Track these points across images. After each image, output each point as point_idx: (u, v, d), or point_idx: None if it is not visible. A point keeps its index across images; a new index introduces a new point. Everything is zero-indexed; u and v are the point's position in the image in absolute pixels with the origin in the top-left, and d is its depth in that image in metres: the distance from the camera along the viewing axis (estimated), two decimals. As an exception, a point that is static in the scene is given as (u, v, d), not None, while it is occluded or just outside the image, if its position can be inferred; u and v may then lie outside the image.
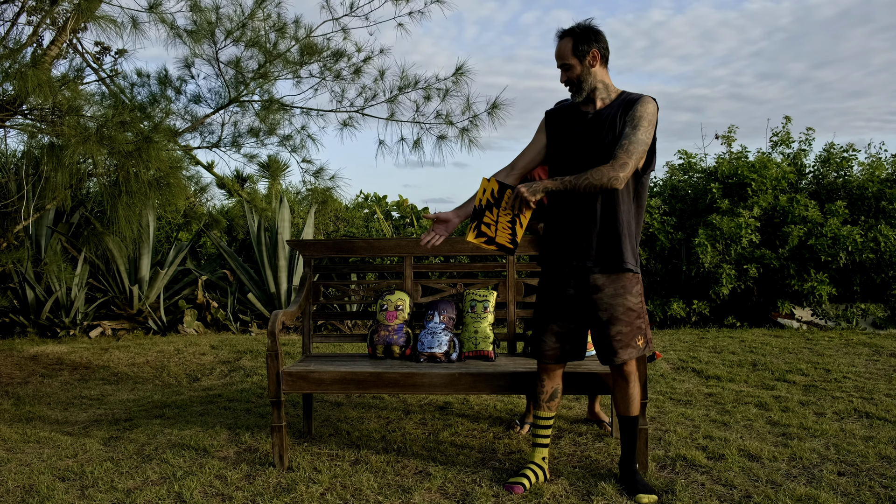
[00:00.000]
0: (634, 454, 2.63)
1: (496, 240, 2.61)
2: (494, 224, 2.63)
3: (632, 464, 2.61)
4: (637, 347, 2.56)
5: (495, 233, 2.62)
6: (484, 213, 2.65)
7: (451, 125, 5.23)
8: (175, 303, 7.10)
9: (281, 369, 2.86)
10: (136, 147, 3.59)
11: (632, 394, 2.61)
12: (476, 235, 2.64)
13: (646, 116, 2.41)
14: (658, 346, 5.53)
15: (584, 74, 2.49)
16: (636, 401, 2.62)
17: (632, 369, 2.60)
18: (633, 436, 2.62)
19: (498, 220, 2.64)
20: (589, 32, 2.48)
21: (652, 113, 2.43)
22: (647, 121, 2.41)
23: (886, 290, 6.62)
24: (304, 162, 5.53)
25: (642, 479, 2.58)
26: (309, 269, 3.41)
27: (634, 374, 2.61)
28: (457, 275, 6.53)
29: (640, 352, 2.57)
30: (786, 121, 7.39)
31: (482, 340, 3.14)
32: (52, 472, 2.87)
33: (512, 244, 2.59)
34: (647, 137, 2.40)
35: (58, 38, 4.00)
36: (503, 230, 2.62)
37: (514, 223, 2.61)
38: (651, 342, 2.63)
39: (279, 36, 5.00)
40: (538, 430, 2.70)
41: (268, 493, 2.60)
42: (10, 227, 4.24)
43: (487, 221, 2.64)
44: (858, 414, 3.51)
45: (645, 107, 2.42)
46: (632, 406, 2.61)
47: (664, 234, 6.85)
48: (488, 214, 2.64)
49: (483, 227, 2.63)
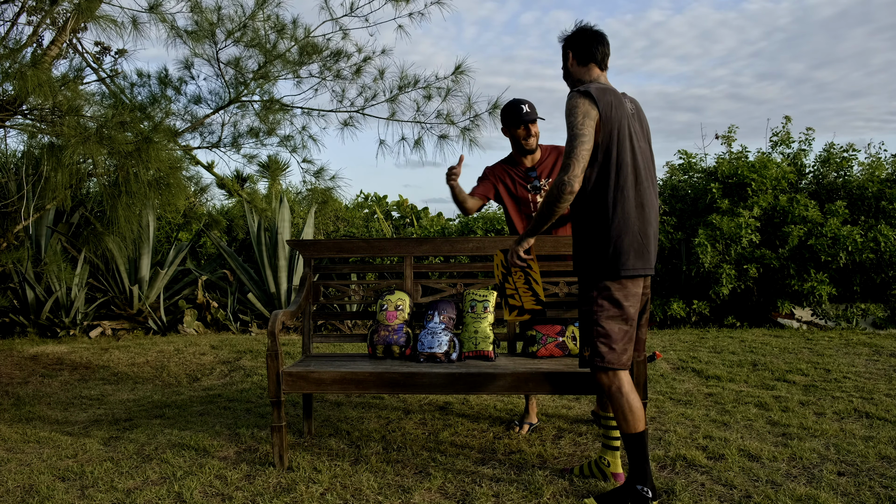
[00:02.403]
0: (637, 470, 2.39)
1: (525, 308, 2.70)
2: (515, 292, 2.74)
3: (631, 481, 2.41)
4: (583, 357, 2.43)
5: (521, 301, 2.72)
6: (504, 286, 2.75)
7: (452, 125, 5.24)
8: (175, 303, 7.10)
9: (281, 369, 2.86)
10: (136, 147, 3.59)
11: (615, 408, 2.40)
12: (509, 312, 2.74)
13: (567, 116, 2.36)
14: (658, 346, 5.53)
15: (566, 71, 2.61)
16: (621, 417, 2.38)
17: (602, 381, 2.40)
18: (632, 451, 2.39)
19: (516, 286, 2.73)
20: (571, 33, 2.58)
21: (570, 108, 2.35)
22: (569, 119, 2.35)
23: (886, 290, 6.62)
24: (304, 162, 5.53)
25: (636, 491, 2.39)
26: (309, 269, 3.41)
27: (607, 388, 2.39)
28: (457, 275, 6.53)
29: (587, 364, 2.41)
30: (786, 121, 7.39)
31: (482, 340, 3.14)
32: (52, 472, 2.87)
33: (538, 304, 2.68)
34: (577, 131, 2.32)
35: (58, 38, 4.00)
36: (525, 294, 2.71)
37: (529, 283, 2.71)
38: (603, 360, 2.36)
39: (279, 36, 5.00)
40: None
41: (268, 493, 2.60)
42: (10, 227, 4.24)
43: (510, 293, 2.74)
44: (858, 414, 3.50)
45: (565, 107, 2.38)
46: (620, 422, 2.39)
47: (664, 234, 6.85)
48: (507, 286, 2.75)
49: (510, 300, 2.74)
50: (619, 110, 2.38)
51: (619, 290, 2.37)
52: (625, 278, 2.37)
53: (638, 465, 2.39)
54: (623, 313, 2.38)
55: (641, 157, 2.43)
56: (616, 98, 2.39)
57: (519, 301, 2.70)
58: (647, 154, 2.50)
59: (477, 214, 8.32)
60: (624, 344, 2.39)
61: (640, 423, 2.38)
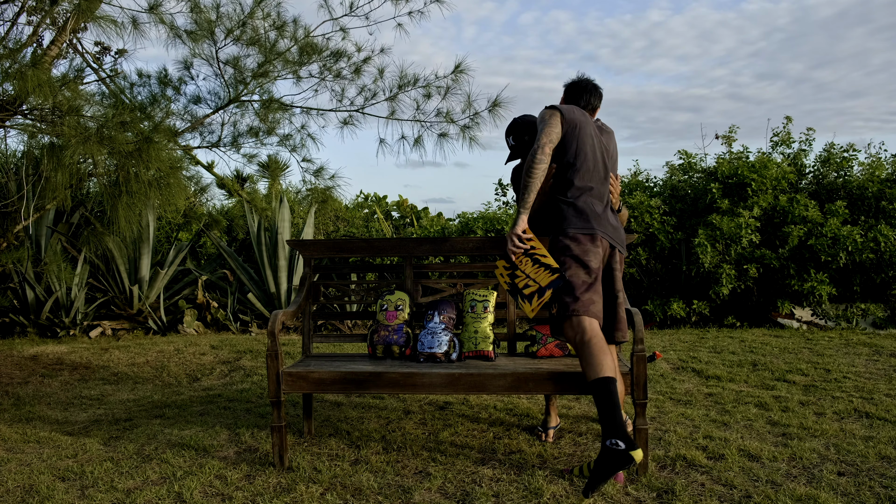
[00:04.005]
0: (607, 423, 2.40)
1: (542, 285, 2.70)
2: (528, 278, 2.74)
3: (603, 437, 2.41)
4: (552, 315, 2.71)
5: (536, 282, 2.72)
6: (515, 284, 2.76)
7: (452, 123, 5.23)
8: (175, 303, 7.10)
9: (281, 369, 2.86)
10: (137, 147, 3.59)
11: (580, 356, 2.58)
12: (530, 303, 2.73)
13: (538, 120, 2.87)
14: (658, 346, 5.53)
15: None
16: (584, 363, 2.53)
17: (566, 335, 2.65)
18: (599, 400, 2.45)
19: (526, 273, 2.74)
20: (571, 81, 3.10)
21: (541, 115, 2.86)
22: (539, 118, 2.87)
23: (886, 290, 6.62)
24: (304, 161, 5.53)
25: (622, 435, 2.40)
26: (309, 269, 3.41)
27: (573, 340, 2.60)
28: (457, 275, 6.53)
29: (555, 320, 2.67)
30: (786, 121, 7.39)
31: (482, 340, 3.14)
32: (52, 472, 2.87)
33: (555, 273, 2.67)
34: (545, 122, 2.80)
35: (58, 38, 4.00)
36: (538, 273, 2.71)
37: (537, 262, 2.71)
38: (569, 310, 2.61)
39: (279, 35, 5.00)
40: None
41: (268, 493, 2.60)
42: (10, 227, 4.24)
43: (524, 284, 2.75)
44: (858, 414, 3.51)
45: (538, 117, 2.91)
46: (584, 368, 2.53)
47: (664, 234, 6.85)
48: (518, 280, 2.75)
49: (526, 290, 2.74)
50: (583, 118, 2.85)
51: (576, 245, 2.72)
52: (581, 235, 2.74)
53: (607, 418, 2.41)
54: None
55: (601, 154, 2.88)
56: (581, 112, 2.88)
57: (535, 284, 2.70)
58: (608, 157, 2.93)
59: (477, 214, 8.32)
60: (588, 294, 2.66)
61: (604, 368, 2.48)
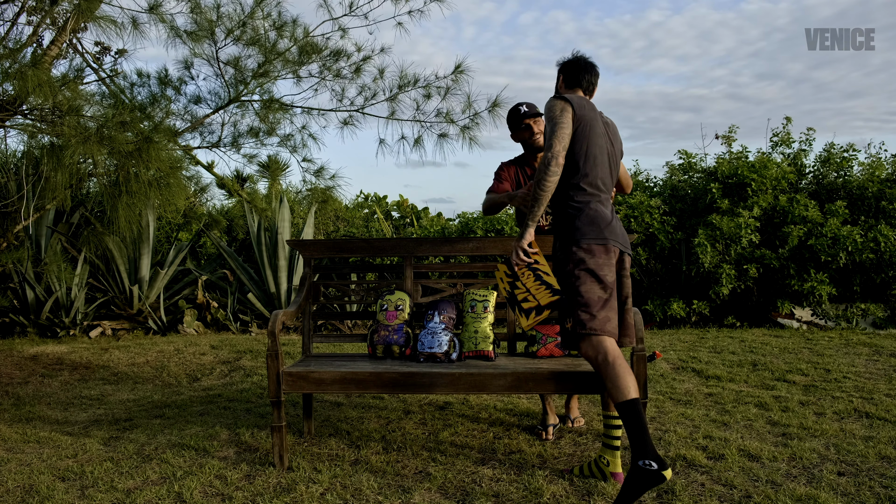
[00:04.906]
0: (638, 444, 2.34)
1: (542, 304, 2.63)
2: (527, 293, 2.68)
3: (634, 458, 2.34)
4: (565, 329, 2.56)
5: (536, 300, 2.65)
6: (515, 294, 2.69)
7: (451, 123, 5.23)
8: (175, 303, 7.10)
9: (281, 369, 2.86)
10: (137, 147, 3.59)
11: (604, 378, 2.44)
12: (526, 318, 2.66)
13: (547, 113, 2.70)
14: (658, 346, 5.53)
15: (556, 91, 2.95)
16: (611, 386, 2.42)
17: (585, 353, 2.51)
18: (629, 422, 2.37)
19: (527, 287, 2.68)
20: (566, 60, 2.90)
21: (550, 107, 2.68)
22: (548, 115, 2.69)
23: (886, 290, 6.62)
24: (304, 161, 5.53)
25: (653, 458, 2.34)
26: (309, 269, 3.41)
27: (594, 360, 2.48)
28: (457, 275, 6.53)
29: (570, 336, 2.53)
30: (786, 121, 7.39)
31: (482, 340, 3.14)
32: (52, 472, 2.87)
33: (555, 294, 2.61)
34: (556, 121, 2.62)
35: (58, 38, 4.00)
36: (539, 291, 2.65)
37: (539, 277, 2.66)
38: (587, 328, 2.47)
39: (279, 34, 5.00)
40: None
41: (268, 493, 2.60)
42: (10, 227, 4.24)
43: (523, 298, 2.68)
44: (858, 414, 3.50)
45: (544, 109, 2.73)
46: (611, 391, 2.42)
47: (664, 234, 6.85)
48: (518, 292, 2.69)
49: (524, 304, 2.67)
50: (592, 113, 2.68)
51: (590, 257, 2.56)
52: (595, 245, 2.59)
53: (637, 439, 2.34)
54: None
55: (608, 155, 2.73)
56: (590, 106, 2.70)
57: (534, 300, 2.63)
58: (614, 157, 2.78)
59: (477, 214, 8.33)
60: (605, 311, 2.52)
61: (631, 390, 2.40)
